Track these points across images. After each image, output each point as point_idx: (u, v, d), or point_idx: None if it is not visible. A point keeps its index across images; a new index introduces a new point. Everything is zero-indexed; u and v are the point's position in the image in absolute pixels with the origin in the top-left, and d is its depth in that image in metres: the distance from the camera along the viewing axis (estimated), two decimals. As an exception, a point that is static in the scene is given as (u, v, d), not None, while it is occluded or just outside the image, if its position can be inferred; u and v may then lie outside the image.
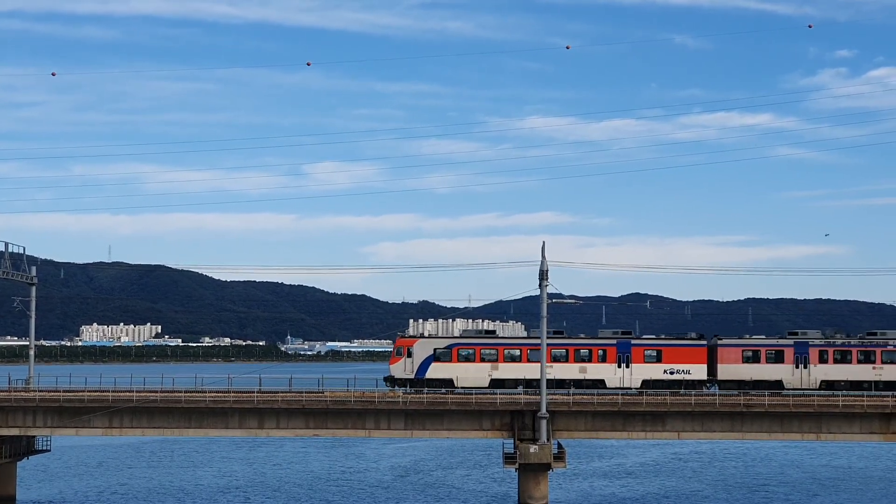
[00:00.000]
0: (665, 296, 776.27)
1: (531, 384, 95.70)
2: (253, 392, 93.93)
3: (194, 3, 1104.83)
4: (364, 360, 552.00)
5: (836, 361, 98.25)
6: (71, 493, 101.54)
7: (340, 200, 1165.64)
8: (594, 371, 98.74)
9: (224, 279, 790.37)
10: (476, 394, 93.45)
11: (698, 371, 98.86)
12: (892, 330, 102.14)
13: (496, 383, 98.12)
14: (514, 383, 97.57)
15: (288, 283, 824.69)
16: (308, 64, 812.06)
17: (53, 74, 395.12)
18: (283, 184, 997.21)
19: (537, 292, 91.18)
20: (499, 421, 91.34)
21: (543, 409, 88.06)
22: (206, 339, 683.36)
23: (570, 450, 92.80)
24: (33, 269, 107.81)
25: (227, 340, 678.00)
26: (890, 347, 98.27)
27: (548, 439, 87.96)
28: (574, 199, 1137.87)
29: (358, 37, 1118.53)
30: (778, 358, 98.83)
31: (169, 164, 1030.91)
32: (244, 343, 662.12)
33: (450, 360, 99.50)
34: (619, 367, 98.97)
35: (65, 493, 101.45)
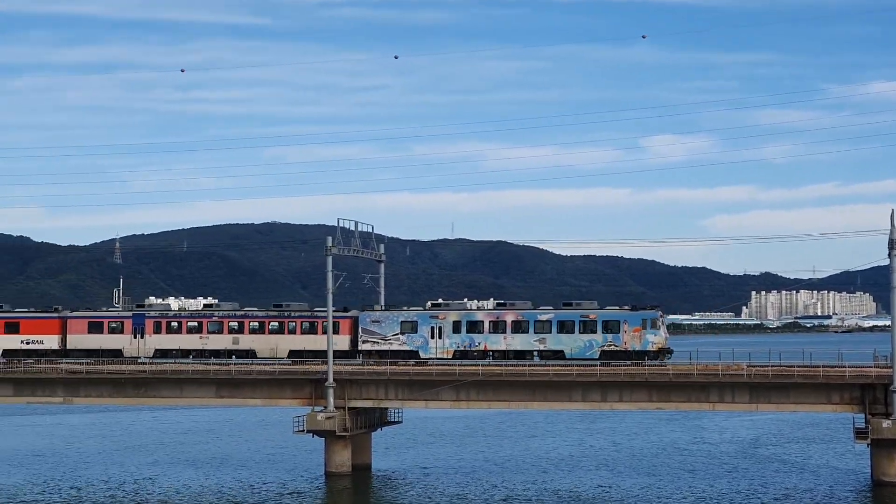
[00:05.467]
0: None
1: None
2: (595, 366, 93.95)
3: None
4: (706, 333, 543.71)
5: (168, 332, 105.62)
6: (421, 461, 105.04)
7: (675, 173, 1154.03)
8: None
9: (564, 254, 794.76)
10: (823, 366, 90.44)
11: (51, 342, 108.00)
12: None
13: None
14: None
15: (627, 256, 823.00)
16: (644, 37, 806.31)
17: (396, 57, 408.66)
18: (618, 157, 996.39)
19: (886, 262, 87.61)
20: (848, 395, 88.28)
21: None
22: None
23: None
24: (381, 246, 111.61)
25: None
26: (215, 319, 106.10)
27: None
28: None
29: (690, 8, 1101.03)
30: (118, 329, 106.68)
31: (506, 141, 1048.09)
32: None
33: None
34: None
35: (416, 461, 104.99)
